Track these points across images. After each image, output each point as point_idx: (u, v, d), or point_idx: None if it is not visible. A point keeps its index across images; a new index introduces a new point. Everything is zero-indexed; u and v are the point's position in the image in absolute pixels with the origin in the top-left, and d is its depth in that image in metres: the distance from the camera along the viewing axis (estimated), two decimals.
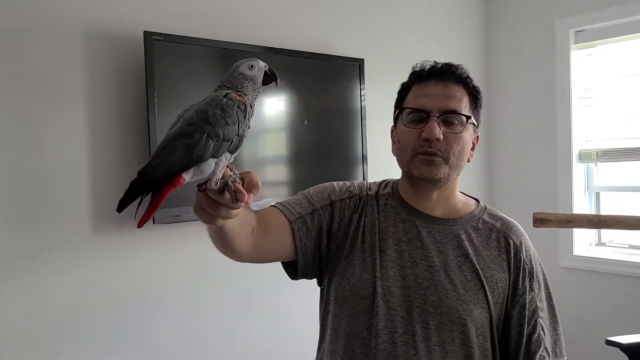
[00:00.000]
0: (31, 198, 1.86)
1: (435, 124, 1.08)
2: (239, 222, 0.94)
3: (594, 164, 3.04)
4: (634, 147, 2.89)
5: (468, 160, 1.16)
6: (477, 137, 1.18)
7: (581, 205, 3.04)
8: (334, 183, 1.21)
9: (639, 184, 2.94)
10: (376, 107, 2.69)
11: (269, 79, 0.87)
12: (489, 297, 1.08)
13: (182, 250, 2.19)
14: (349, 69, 2.59)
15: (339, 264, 1.13)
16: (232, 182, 0.76)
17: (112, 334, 2.03)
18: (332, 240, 1.15)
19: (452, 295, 1.06)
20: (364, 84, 2.61)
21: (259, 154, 2.37)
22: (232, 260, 1.07)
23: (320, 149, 2.51)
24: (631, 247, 3.02)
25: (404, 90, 1.17)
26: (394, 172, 1.31)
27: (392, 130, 1.20)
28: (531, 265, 1.14)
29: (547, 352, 1.12)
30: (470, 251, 1.11)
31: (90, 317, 1.97)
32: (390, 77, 2.76)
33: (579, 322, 2.88)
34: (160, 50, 1.99)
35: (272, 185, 2.40)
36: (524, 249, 1.14)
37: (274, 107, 2.38)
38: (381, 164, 2.74)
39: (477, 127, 1.16)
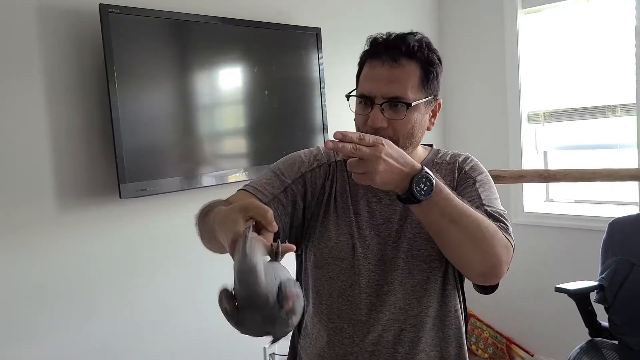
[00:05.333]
0: None
1: (378, 112, 1.09)
2: None
3: (541, 124, 3.19)
4: (578, 107, 3.04)
5: (428, 129, 1.18)
6: (439, 104, 1.18)
7: (530, 165, 3.20)
8: (301, 154, 1.23)
9: (583, 143, 3.12)
10: (334, 75, 2.73)
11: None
12: None
13: (148, 223, 2.21)
14: (306, 38, 2.61)
15: (315, 230, 1.18)
16: (275, 252, 0.81)
17: (81, 310, 2.03)
18: (307, 209, 1.18)
19: (420, 239, 1.14)
20: (321, 52, 2.64)
21: (219, 127, 2.38)
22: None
23: (280, 119, 2.54)
24: (577, 201, 3.22)
25: (360, 64, 1.17)
26: None
27: None
28: (477, 173, 1.19)
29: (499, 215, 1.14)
30: None
31: (58, 295, 1.98)
32: (347, 45, 2.81)
33: (531, 273, 3.06)
34: (117, 23, 1.96)
35: (234, 158, 2.42)
36: (466, 164, 1.20)
37: (233, 79, 2.39)
38: None
39: (435, 97, 1.16)
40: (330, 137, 2.86)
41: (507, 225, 1.11)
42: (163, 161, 2.15)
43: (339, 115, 2.77)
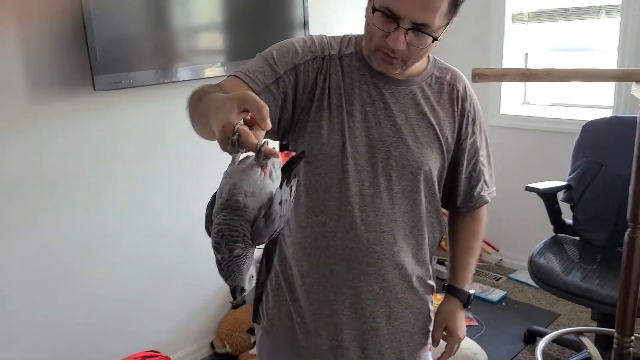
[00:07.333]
0: None
1: (402, 35, 1.05)
2: None
3: (525, 24, 3.14)
4: (563, 8, 2.99)
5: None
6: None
7: (512, 66, 3.19)
8: (294, 42, 1.18)
9: (564, 45, 3.10)
10: None
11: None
12: (443, 148, 1.21)
13: (124, 117, 2.18)
14: None
15: (306, 125, 1.16)
16: (259, 150, 0.79)
17: (54, 203, 2.04)
18: (297, 103, 1.16)
19: (412, 150, 1.16)
20: None
21: (194, 19, 2.29)
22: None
23: (258, 12, 2.44)
24: (553, 104, 3.25)
25: None
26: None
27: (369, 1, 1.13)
28: (474, 111, 1.26)
29: (485, 184, 1.32)
30: (427, 109, 1.19)
31: (32, 187, 1.97)
32: None
33: (503, 173, 3.08)
34: None
35: (210, 52, 2.35)
36: (468, 98, 1.25)
37: None
38: (323, 30, 2.70)
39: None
40: (312, 33, 2.75)
41: (490, 189, 1.35)
42: (137, 53, 2.08)
43: (321, 10, 2.67)
